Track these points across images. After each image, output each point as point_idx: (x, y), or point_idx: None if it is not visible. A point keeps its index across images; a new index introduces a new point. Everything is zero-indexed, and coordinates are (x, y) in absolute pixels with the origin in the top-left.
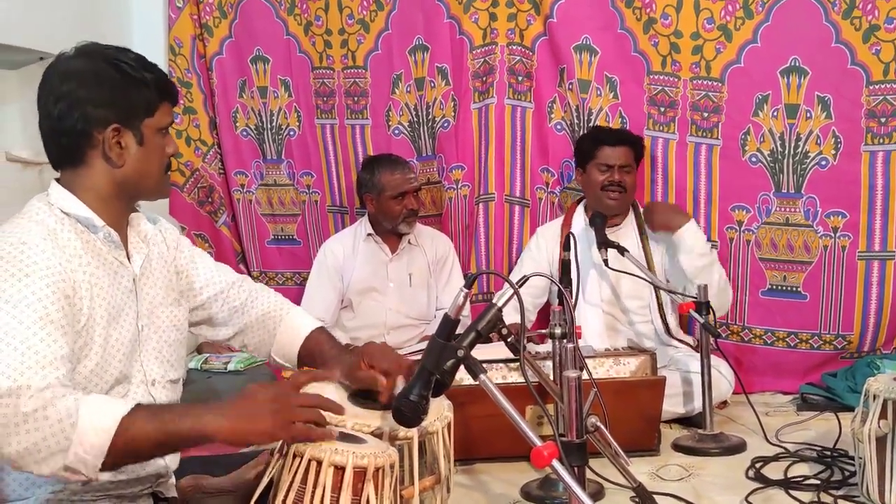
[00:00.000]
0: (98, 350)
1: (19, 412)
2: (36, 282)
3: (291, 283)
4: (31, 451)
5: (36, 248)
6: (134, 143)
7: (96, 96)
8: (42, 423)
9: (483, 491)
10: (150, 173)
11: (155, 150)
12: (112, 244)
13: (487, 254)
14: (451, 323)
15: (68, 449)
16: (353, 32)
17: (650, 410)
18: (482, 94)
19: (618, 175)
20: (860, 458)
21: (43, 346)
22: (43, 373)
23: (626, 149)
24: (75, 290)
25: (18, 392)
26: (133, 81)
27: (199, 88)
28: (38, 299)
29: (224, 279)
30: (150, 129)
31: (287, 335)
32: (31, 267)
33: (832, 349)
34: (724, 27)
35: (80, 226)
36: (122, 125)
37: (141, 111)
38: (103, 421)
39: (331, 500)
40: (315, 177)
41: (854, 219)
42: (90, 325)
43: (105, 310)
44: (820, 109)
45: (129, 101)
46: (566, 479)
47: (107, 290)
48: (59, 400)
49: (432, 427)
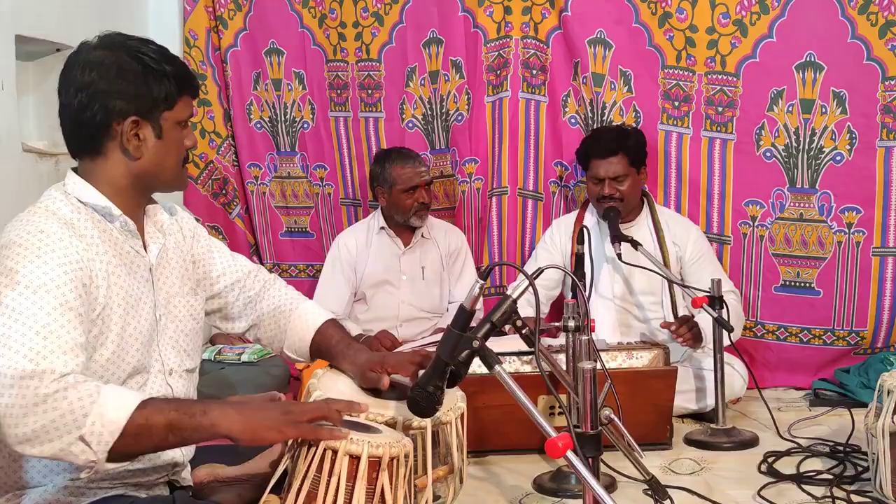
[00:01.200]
0: (115, 339)
1: (39, 394)
2: (55, 269)
3: (304, 275)
4: (48, 428)
5: (53, 235)
6: (152, 135)
7: (117, 88)
8: (61, 403)
9: (496, 482)
10: (167, 166)
11: (173, 143)
12: (129, 233)
13: (500, 247)
14: (467, 314)
15: (85, 423)
16: (367, 25)
17: (662, 401)
18: (496, 87)
19: (608, 189)
20: (873, 454)
21: (63, 332)
22: (65, 358)
23: (617, 158)
24: (92, 279)
25: (42, 375)
26: (154, 74)
27: (214, 81)
28: (57, 286)
29: (241, 269)
30: (170, 122)
31: (298, 330)
32: (49, 255)
33: (845, 345)
34: (740, 22)
35: (97, 215)
36: (141, 118)
37: (161, 104)
38: (123, 400)
39: (346, 489)
40: (328, 169)
41: (868, 214)
42: (106, 314)
43: (122, 298)
44: (835, 105)
45: (150, 94)
46: (580, 469)
47: (124, 279)
48: (80, 384)
49: (446, 417)
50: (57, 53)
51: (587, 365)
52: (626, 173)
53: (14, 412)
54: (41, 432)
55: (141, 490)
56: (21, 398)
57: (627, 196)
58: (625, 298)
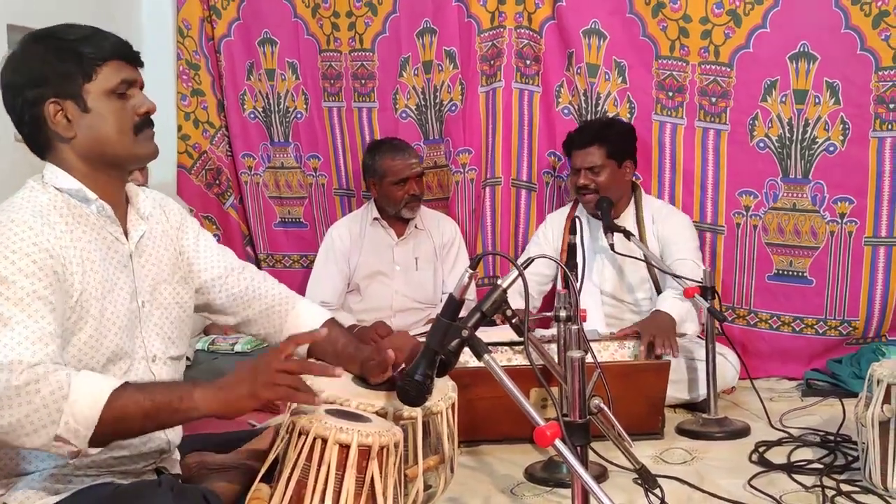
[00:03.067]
0: (93, 323)
1: (11, 386)
2: (23, 258)
3: (298, 265)
4: (23, 423)
5: (24, 224)
6: (78, 111)
7: (28, 77)
8: (34, 397)
9: (487, 472)
10: (107, 138)
11: (106, 113)
12: (107, 218)
13: (494, 238)
14: (456, 303)
15: (59, 420)
16: (360, 15)
17: (654, 394)
18: (490, 77)
19: (583, 179)
20: (863, 443)
21: (31, 322)
22: (33, 348)
23: (594, 148)
24: (66, 267)
25: (10, 367)
26: (57, 51)
27: (208, 71)
28: (26, 276)
29: (224, 264)
30: (94, 93)
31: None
32: (19, 244)
33: (837, 335)
34: (734, 12)
35: (73, 200)
36: (59, 97)
37: (77, 78)
38: (94, 392)
39: (335, 477)
40: (322, 160)
41: (861, 204)
42: (84, 298)
43: (99, 283)
44: (828, 95)
45: (58, 72)
46: (568, 457)
47: (99, 264)
48: (51, 375)
49: (436, 407)
50: None
51: (576, 354)
52: (603, 164)
53: None
54: (17, 426)
55: (129, 478)
56: None
57: (603, 187)
58: (617, 289)
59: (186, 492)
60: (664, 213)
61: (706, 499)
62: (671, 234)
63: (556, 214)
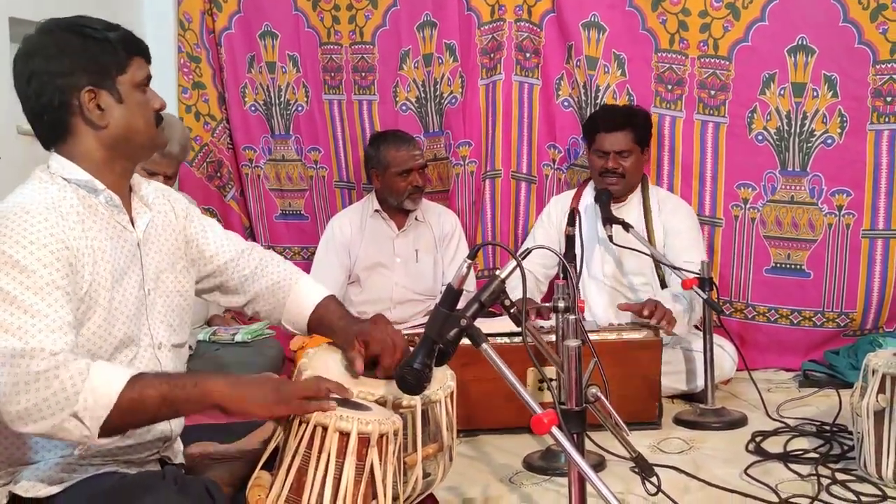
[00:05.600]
0: (102, 312)
1: (31, 372)
2: (41, 248)
3: (299, 257)
4: (40, 406)
5: (39, 216)
6: (112, 101)
7: (64, 66)
8: (52, 382)
9: (486, 461)
10: (136, 128)
11: (136, 105)
12: (114, 208)
13: (494, 230)
14: (454, 293)
15: (77, 399)
16: (360, 8)
17: (650, 374)
18: (490, 70)
19: (612, 162)
20: (858, 433)
21: (51, 311)
22: (53, 336)
23: (623, 133)
24: (77, 258)
25: (32, 353)
26: (97, 42)
27: (208, 63)
28: (44, 266)
29: (234, 247)
30: (126, 85)
31: (296, 304)
32: (35, 235)
33: (835, 327)
34: (732, 5)
35: (81, 191)
36: (95, 87)
37: (112, 69)
38: (113, 376)
39: (335, 465)
40: (322, 152)
41: (859, 197)
42: (93, 289)
43: (109, 273)
44: (826, 88)
45: (97, 62)
46: (565, 445)
47: (109, 253)
48: (70, 363)
49: (435, 396)
50: None
51: (573, 343)
52: (631, 150)
53: (7, 390)
54: (33, 410)
55: (132, 467)
56: (13, 376)
57: (629, 172)
58: (616, 280)
59: (189, 484)
60: (670, 205)
61: (702, 487)
62: (677, 226)
63: (562, 197)
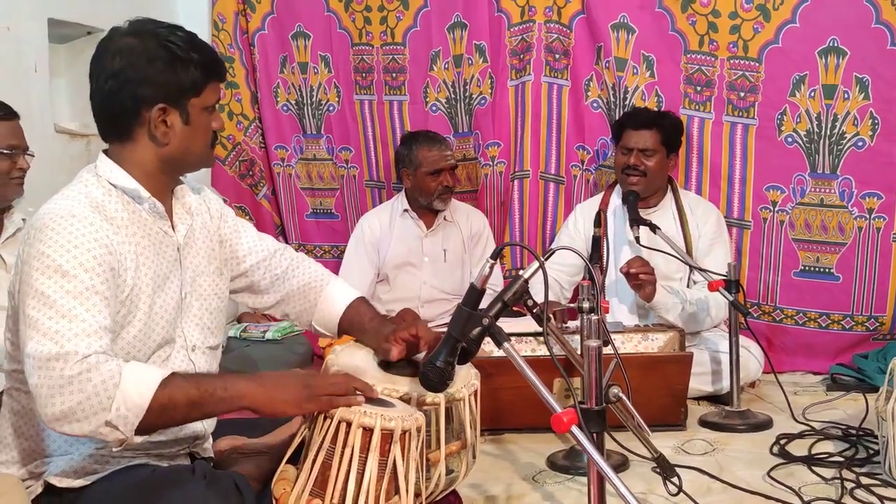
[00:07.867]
0: (142, 317)
1: (64, 375)
2: (84, 253)
3: (329, 256)
4: (75, 410)
5: (84, 220)
6: (180, 122)
7: (145, 76)
8: (86, 385)
9: (510, 460)
10: (194, 150)
11: (200, 127)
12: (157, 215)
13: (522, 230)
14: (477, 292)
15: (110, 407)
16: (392, 9)
17: (677, 386)
18: (519, 71)
19: (634, 159)
20: (883, 436)
21: (88, 316)
22: (88, 341)
23: (650, 132)
24: (120, 263)
25: (66, 357)
26: (181, 62)
27: (242, 63)
28: (86, 270)
29: (266, 248)
30: (197, 108)
31: (327, 305)
32: (80, 239)
33: (864, 330)
34: (763, 7)
35: (126, 197)
36: (168, 105)
37: (188, 91)
38: (144, 381)
39: (359, 460)
40: (353, 152)
41: (890, 200)
42: (135, 294)
43: (150, 278)
44: (857, 90)
45: (177, 82)
46: (584, 443)
47: (152, 259)
48: (102, 365)
49: (459, 394)
50: (88, 36)
51: (593, 343)
52: (655, 149)
53: (42, 392)
54: (69, 413)
55: (163, 460)
56: (48, 379)
57: (651, 172)
58: None
59: (219, 479)
60: (701, 209)
61: (725, 489)
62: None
63: (588, 203)
